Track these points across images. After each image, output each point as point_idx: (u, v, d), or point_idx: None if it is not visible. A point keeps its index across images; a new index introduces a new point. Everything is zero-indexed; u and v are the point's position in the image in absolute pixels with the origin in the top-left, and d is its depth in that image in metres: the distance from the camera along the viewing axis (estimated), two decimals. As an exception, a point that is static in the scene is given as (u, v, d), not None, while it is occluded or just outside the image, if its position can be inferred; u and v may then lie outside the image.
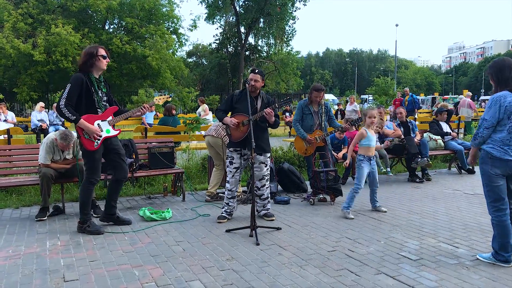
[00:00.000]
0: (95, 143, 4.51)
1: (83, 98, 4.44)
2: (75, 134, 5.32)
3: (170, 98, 16.25)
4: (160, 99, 5.23)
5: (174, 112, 9.97)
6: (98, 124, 4.54)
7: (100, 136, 4.53)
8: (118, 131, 4.72)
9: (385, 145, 7.66)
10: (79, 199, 4.68)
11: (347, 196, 5.35)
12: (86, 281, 3.36)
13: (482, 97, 47.49)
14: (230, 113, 5.23)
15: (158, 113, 16.22)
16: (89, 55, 4.46)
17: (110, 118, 4.65)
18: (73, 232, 4.63)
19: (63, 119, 13.77)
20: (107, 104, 4.71)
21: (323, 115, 6.23)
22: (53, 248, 4.13)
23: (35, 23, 29.18)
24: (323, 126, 6.22)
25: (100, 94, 4.59)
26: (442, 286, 3.22)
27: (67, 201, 5.98)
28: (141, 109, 4.78)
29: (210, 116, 14.66)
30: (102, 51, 4.51)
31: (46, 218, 5.16)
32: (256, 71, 5.04)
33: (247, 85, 4.88)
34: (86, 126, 4.41)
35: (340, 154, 7.19)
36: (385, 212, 5.41)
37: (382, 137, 7.82)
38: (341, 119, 14.96)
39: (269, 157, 5.18)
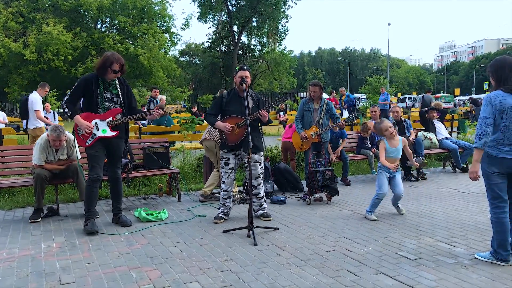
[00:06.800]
0: (88, 140, 4.56)
1: (85, 98, 4.60)
2: (68, 133, 5.28)
3: (184, 109, 16.20)
4: (172, 107, 5.24)
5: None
6: (95, 123, 4.57)
7: (94, 134, 4.55)
8: (115, 133, 4.66)
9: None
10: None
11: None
12: (82, 284, 3.31)
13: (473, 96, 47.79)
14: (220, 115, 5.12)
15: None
16: (103, 64, 4.50)
17: (110, 119, 4.63)
18: (68, 234, 4.58)
19: (57, 119, 13.70)
20: (115, 106, 4.69)
21: (323, 113, 6.30)
22: (48, 250, 4.07)
23: (26, 22, 28.92)
24: (320, 123, 6.29)
25: (109, 96, 4.64)
26: (441, 286, 3.22)
27: (61, 202, 5.91)
28: (152, 113, 4.84)
29: None
30: (115, 66, 4.51)
31: (40, 219, 5.09)
32: (245, 67, 5.00)
33: (244, 84, 4.82)
34: (79, 121, 4.52)
35: (337, 151, 7.18)
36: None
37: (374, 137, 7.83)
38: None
39: (263, 156, 5.15)
